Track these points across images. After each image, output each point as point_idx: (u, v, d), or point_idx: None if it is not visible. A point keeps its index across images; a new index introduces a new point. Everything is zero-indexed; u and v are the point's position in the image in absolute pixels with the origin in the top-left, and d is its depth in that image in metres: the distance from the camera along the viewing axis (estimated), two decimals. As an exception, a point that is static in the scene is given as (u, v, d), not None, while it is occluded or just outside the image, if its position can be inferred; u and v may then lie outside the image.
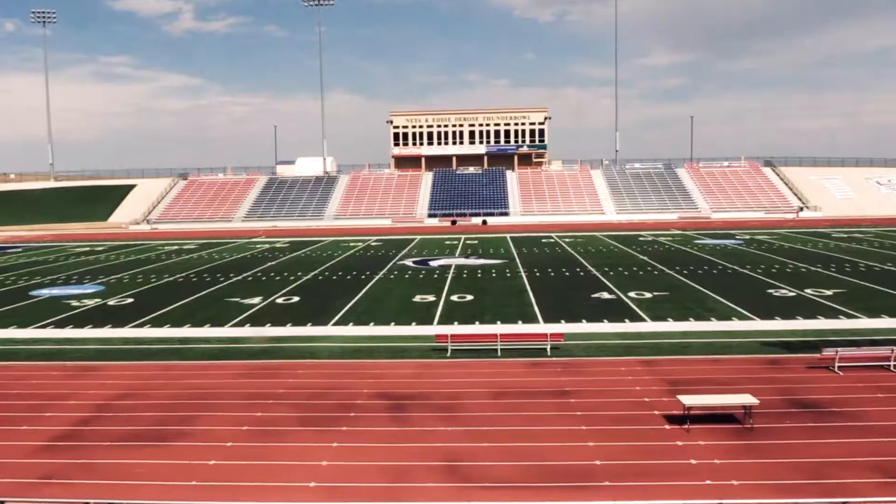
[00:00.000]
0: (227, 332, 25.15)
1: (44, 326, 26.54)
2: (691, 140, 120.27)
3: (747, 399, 14.83)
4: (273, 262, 46.60)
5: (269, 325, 26.06)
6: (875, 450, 13.27)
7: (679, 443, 13.82)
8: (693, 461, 12.93)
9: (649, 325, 24.61)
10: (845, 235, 58.34)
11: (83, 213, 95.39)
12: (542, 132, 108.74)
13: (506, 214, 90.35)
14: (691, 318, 25.53)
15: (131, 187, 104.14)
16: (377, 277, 38.05)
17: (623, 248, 50.72)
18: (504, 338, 21.39)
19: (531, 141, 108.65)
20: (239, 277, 39.38)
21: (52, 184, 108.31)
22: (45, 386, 18.73)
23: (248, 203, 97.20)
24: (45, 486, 12.48)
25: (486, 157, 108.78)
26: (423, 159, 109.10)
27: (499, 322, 25.68)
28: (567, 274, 37.99)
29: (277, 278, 38.74)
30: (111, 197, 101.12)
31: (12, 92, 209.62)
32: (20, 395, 17.87)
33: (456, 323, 25.69)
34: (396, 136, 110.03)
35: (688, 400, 14.91)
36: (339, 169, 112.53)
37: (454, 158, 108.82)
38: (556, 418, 15.33)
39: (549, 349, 21.11)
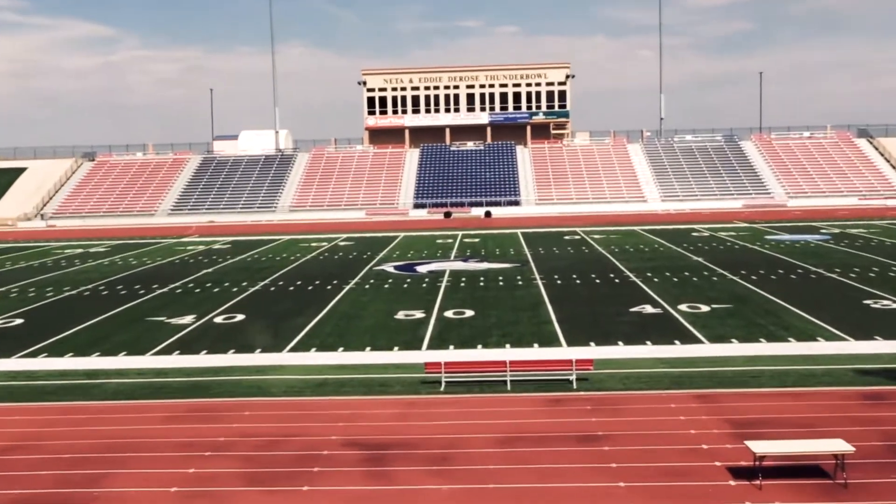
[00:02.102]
0: (149, 361, 25.05)
1: None
2: (760, 103, 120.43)
3: (838, 445, 14.82)
4: (210, 269, 46.53)
5: (205, 351, 25.99)
6: None
7: None
8: (767, 527, 12.92)
9: (707, 348, 24.64)
10: (963, 228, 58.61)
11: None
12: (562, 95, 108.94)
13: (516, 204, 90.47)
14: (762, 339, 25.58)
15: (20, 171, 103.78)
16: (347, 288, 38.03)
17: (671, 247, 50.84)
18: (515, 366, 21.37)
19: (549, 106, 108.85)
20: (164, 290, 39.30)
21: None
22: None
23: (177, 191, 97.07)
24: None
25: (489, 129, 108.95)
26: (406, 132, 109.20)
27: (508, 345, 25.69)
28: (597, 281, 38.04)
29: (216, 290, 38.67)
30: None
31: None
32: None
33: (451, 347, 25.68)
34: (371, 101, 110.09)
35: (759, 447, 14.90)
36: (295, 145, 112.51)
37: (447, 130, 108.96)
38: (585, 472, 15.31)
39: (574, 380, 21.10)
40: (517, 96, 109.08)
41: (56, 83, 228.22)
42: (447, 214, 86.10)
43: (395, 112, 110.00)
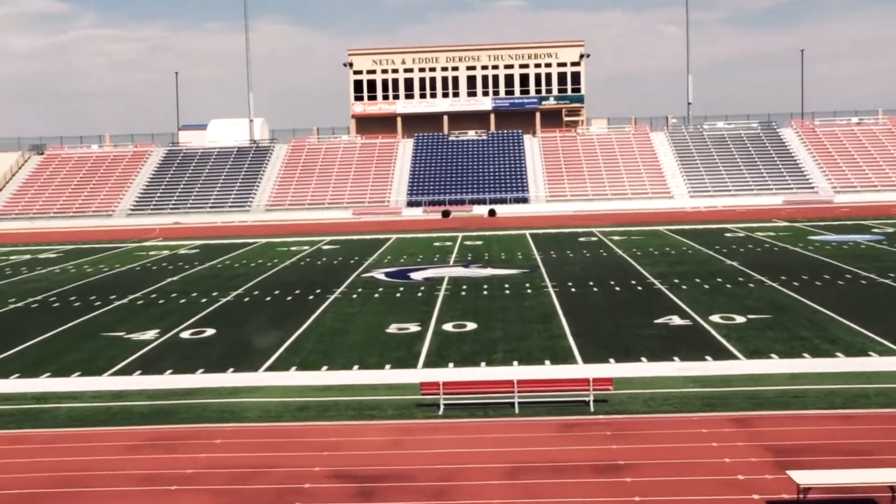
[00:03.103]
0: (106, 383, 24.99)
1: None
2: (801, 86, 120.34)
3: (895, 476, 14.79)
4: (175, 277, 46.51)
5: (170, 371, 25.95)
6: None
7: (791, 542, 13.80)
8: (813, 569, 12.89)
9: (743, 365, 24.63)
10: None
11: None
12: (576, 77, 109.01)
13: (524, 201, 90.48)
14: (806, 354, 25.55)
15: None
16: (332, 298, 38.03)
17: (701, 250, 50.86)
18: (524, 386, 21.33)
19: (560, 90, 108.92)
20: (124, 300, 39.28)
21: None
22: None
23: (137, 188, 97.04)
24: None
25: (493, 116, 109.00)
26: (398, 120, 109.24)
27: (515, 363, 25.66)
28: (617, 289, 38.05)
29: (182, 301, 38.66)
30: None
31: None
32: None
33: (451, 365, 25.66)
34: (359, 85, 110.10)
35: (804, 477, 14.87)
36: (272, 136, 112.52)
37: (445, 118, 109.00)
38: (606, 507, 15.28)
39: (591, 402, 21.08)
40: (524, 79, 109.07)
41: (1, 66, 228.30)
42: (445, 213, 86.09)
43: (385, 97, 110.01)
